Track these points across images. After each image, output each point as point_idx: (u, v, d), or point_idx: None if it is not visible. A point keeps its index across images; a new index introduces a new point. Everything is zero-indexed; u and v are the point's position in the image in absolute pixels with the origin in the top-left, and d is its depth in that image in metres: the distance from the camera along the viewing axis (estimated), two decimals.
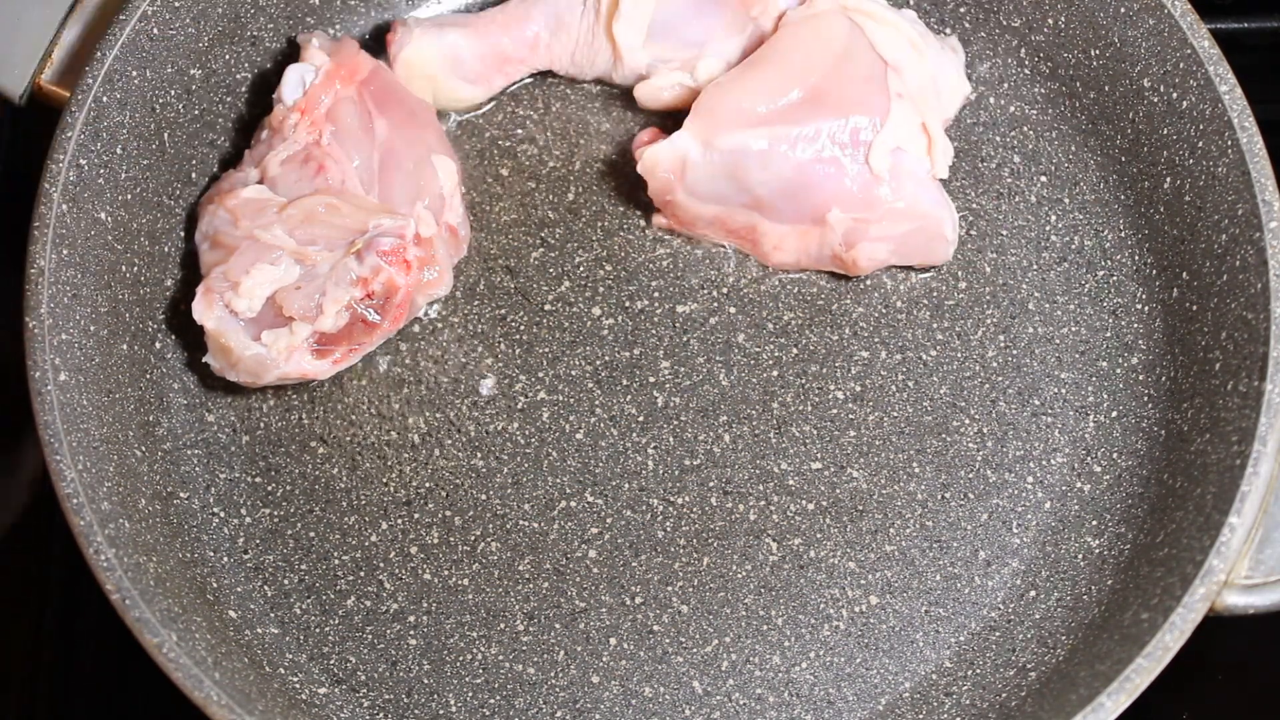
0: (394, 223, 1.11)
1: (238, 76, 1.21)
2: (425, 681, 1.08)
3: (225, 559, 1.11)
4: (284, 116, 1.15)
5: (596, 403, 1.15)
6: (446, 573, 1.11)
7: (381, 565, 1.11)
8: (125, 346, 1.12)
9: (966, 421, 1.14)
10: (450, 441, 1.14)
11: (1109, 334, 1.17)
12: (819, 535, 1.11)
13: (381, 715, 1.07)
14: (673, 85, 1.19)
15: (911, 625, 1.09)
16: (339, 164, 1.13)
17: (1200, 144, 1.13)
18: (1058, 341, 1.17)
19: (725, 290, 1.18)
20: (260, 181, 1.14)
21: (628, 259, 1.19)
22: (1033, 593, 1.10)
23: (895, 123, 1.12)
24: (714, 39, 1.18)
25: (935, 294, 1.18)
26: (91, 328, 1.09)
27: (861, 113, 1.12)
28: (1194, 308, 1.13)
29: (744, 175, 1.13)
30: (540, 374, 1.15)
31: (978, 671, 1.08)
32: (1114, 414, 1.14)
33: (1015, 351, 1.16)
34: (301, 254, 1.10)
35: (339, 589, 1.10)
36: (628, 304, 1.17)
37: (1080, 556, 1.11)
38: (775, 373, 1.15)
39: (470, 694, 1.08)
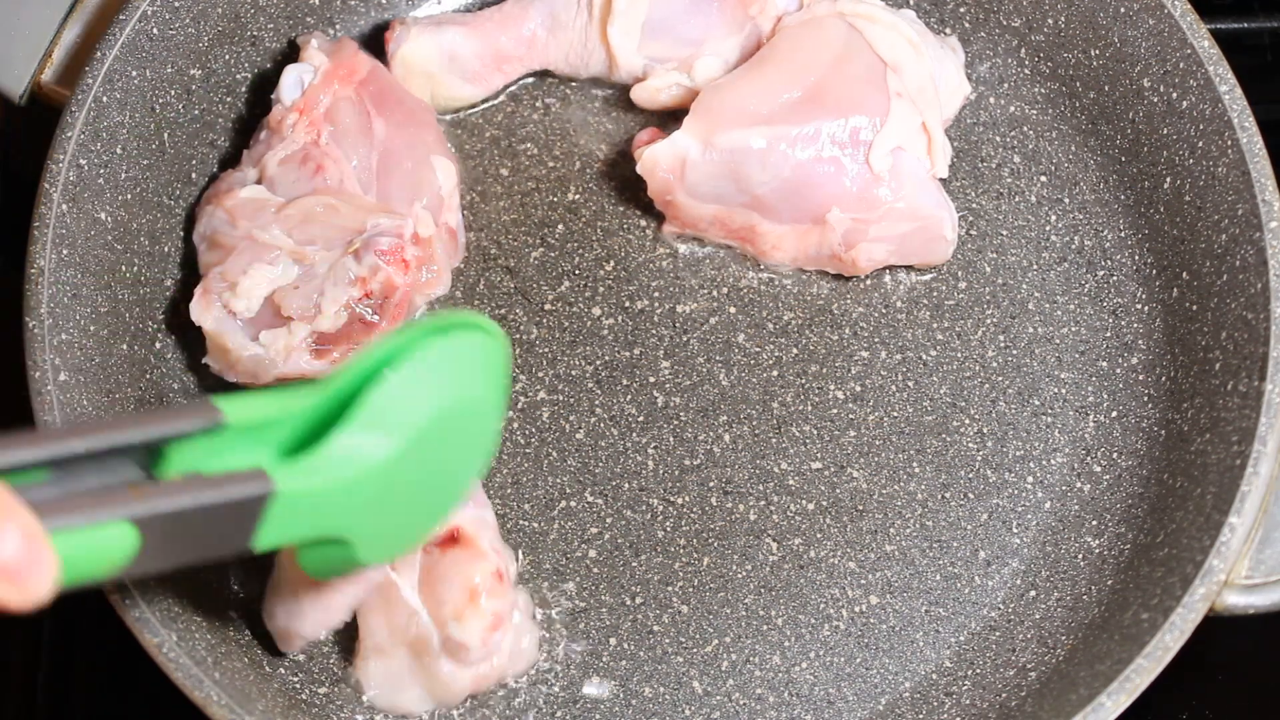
0: (392, 222, 1.11)
1: (238, 77, 1.21)
2: None
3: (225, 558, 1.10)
4: (282, 116, 1.15)
5: (596, 403, 1.15)
6: None
7: None
8: (125, 346, 1.12)
9: (966, 421, 1.14)
10: None
11: (1109, 334, 1.17)
12: (819, 535, 1.11)
13: (382, 716, 1.07)
14: (670, 86, 1.19)
15: (911, 625, 1.09)
16: (337, 164, 1.13)
17: (1200, 144, 1.13)
18: (1058, 341, 1.17)
19: (725, 290, 1.18)
20: (258, 181, 1.14)
21: (628, 259, 1.19)
22: (1033, 593, 1.10)
23: (895, 122, 1.12)
24: (711, 38, 1.18)
25: (935, 294, 1.18)
26: (91, 328, 1.09)
27: (861, 112, 1.12)
28: (1194, 308, 1.13)
29: (744, 175, 1.13)
30: (540, 374, 1.15)
31: (978, 671, 1.08)
32: (1114, 414, 1.14)
33: (1015, 351, 1.16)
34: (299, 254, 1.10)
35: None
36: (628, 304, 1.18)
37: (1080, 556, 1.11)
38: (775, 373, 1.15)
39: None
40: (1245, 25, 1.36)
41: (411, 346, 0.88)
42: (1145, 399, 1.14)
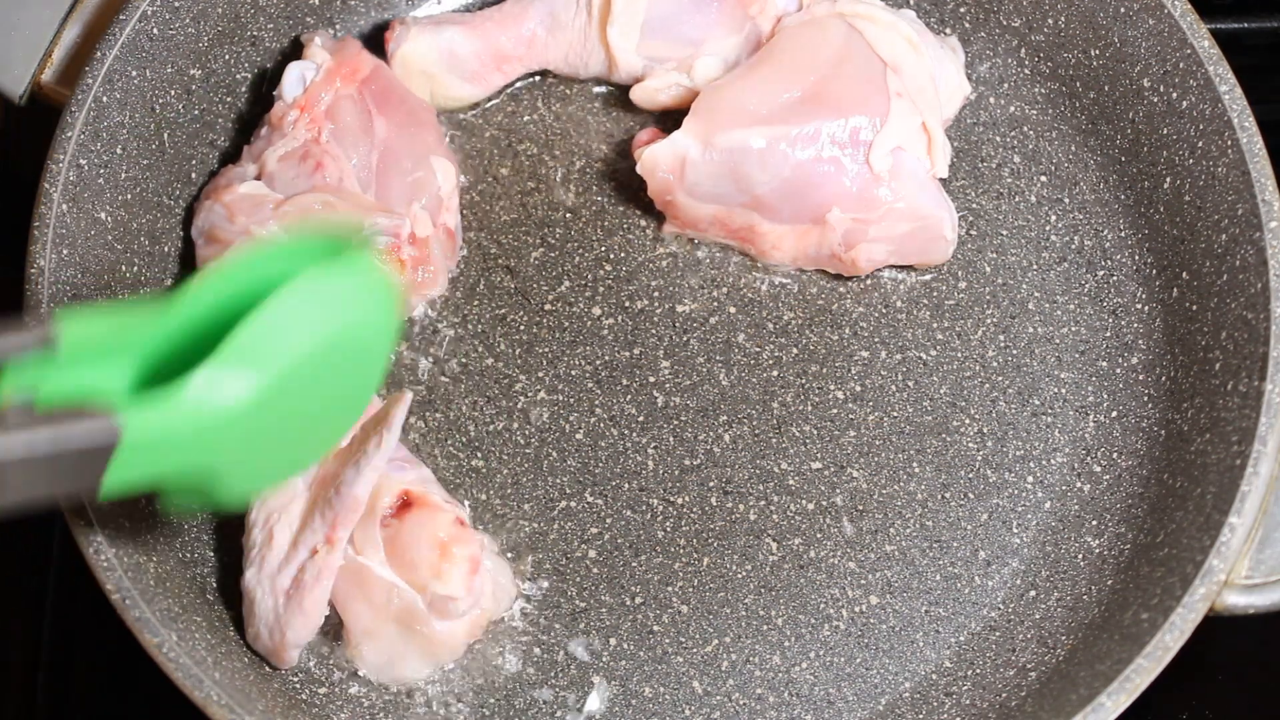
0: (389, 221, 1.11)
1: (238, 76, 1.21)
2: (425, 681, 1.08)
3: (225, 559, 1.10)
4: (283, 113, 1.15)
5: (596, 403, 1.15)
6: None
7: None
8: None
9: (966, 421, 1.14)
10: (450, 442, 1.14)
11: (1109, 334, 1.17)
12: (819, 535, 1.11)
13: (382, 715, 1.07)
14: (669, 86, 1.19)
15: (911, 625, 1.09)
16: (337, 162, 1.13)
17: (1200, 144, 1.13)
18: (1058, 341, 1.17)
19: (725, 290, 1.18)
20: (258, 177, 1.14)
21: (628, 259, 1.19)
22: (1033, 593, 1.10)
23: (895, 122, 1.12)
24: (711, 37, 1.18)
25: (935, 294, 1.18)
26: None
27: (861, 112, 1.12)
28: (1194, 308, 1.13)
29: (743, 174, 1.13)
30: (540, 374, 1.15)
31: (978, 671, 1.08)
32: (1114, 414, 1.14)
33: (1015, 351, 1.16)
34: None
35: None
36: (628, 304, 1.17)
37: (1080, 556, 1.11)
38: (775, 372, 1.15)
39: (470, 694, 1.08)
40: (1245, 25, 1.36)
41: (284, 272, 0.81)
42: (1145, 399, 1.14)
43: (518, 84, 1.24)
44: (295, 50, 1.21)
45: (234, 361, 0.79)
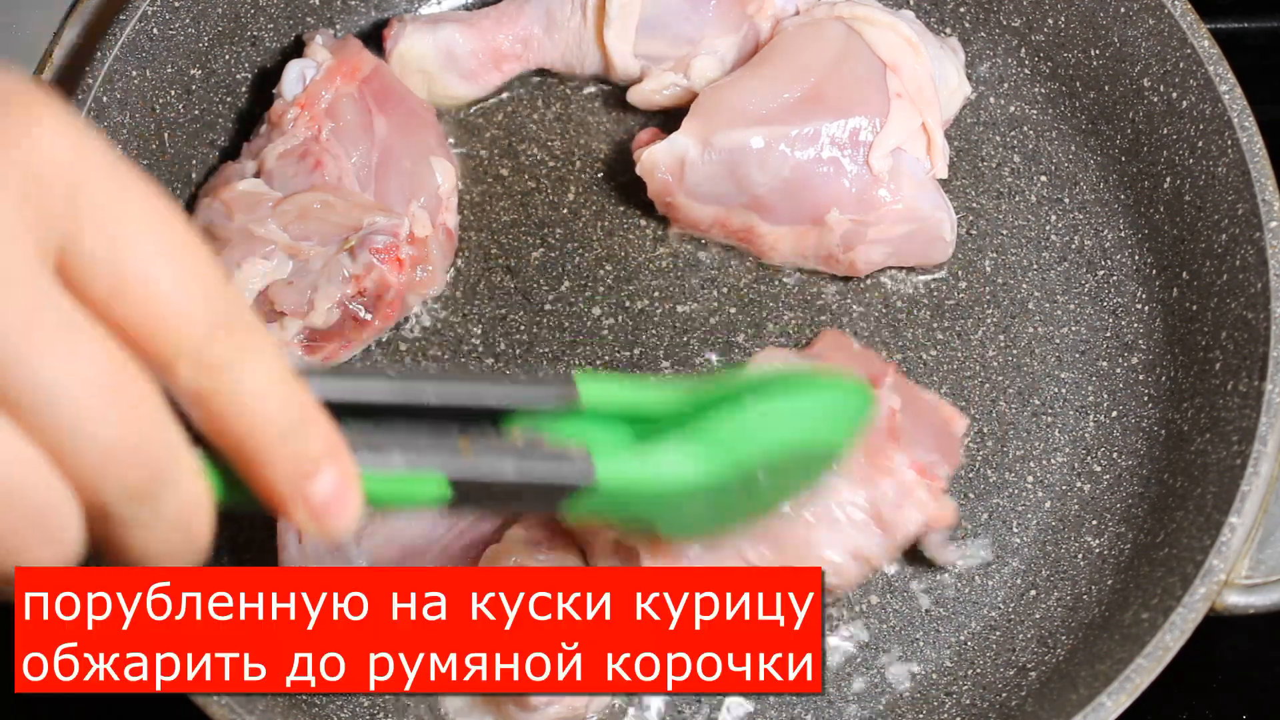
0: (388, 220, 1.11)
1: (238, 76, 1.21)
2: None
3: (225, 559, 1.10)
4: (283, 111, 1.15)
5: None
6: None
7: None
8: None
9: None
10: None
11: (1109, 334, 1.17)
12: None
13: (382, 715, 1.07)
14: (667, 87, 1.19)
15: (911, 625, 1.09)
16: (336, 160, 1.13)
17: (1200, 144, 1.13)
18: (1058, 341, 1.17)
19: (725, 290, 1.18)
20: (257, 174, 1.14)
21: (628, 259, 1.19)
22: (1033, 592, 1.10)
23: (894, 123, 1.12)
24: (708, 36, 1.18)
25: (935, 294, 1.18)
26: None
27: (860, 113, 1.12)
28: (1194, 308, 1.13)
29: (743, 175, 1.13)
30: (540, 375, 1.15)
31: (978, 671, 1.08)
32: (1114, 414, 1.14)
33: (1015, 351, 1.16)
34: (294, 249, 1.10)
35: None
36: (628, 304, 1.17)
37: (1080, 556, 1.10)
38: None
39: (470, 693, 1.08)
40: (1245, 25, 1.36)
41: (779, 388, 0.88)
42: (1145, 399, 1.14)
43: (517, 84, 1.24)
44: (296, 49, 1.21)
45: (703, 443, 0.86)
